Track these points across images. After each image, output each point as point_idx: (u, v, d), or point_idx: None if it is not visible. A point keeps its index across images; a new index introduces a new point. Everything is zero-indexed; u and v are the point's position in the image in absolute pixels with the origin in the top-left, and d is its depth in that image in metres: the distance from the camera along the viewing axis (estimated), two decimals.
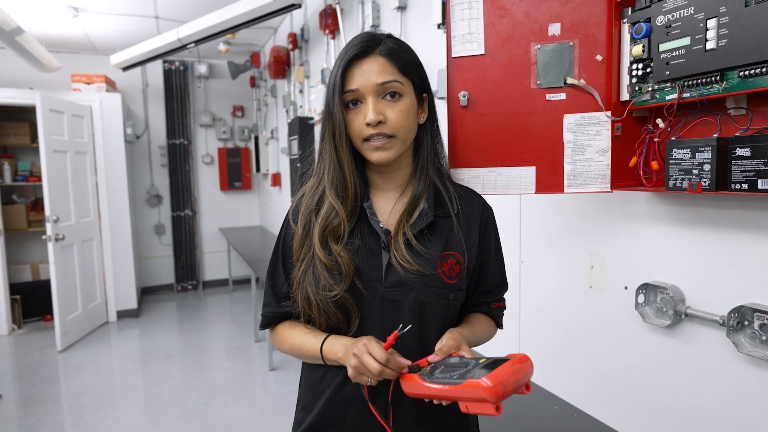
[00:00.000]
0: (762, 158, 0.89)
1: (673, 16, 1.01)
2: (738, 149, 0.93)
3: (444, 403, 0.78)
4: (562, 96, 1.19)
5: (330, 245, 0.92)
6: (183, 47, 3.82)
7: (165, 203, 5.81)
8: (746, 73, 0.90)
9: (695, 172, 0.99)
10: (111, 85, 4.96)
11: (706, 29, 0.95)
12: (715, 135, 0.99)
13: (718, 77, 0.95)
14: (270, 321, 1.06)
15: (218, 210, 6.09)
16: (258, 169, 5.55)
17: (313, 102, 3.57)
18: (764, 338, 0.97)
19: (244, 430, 2.82)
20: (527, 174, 1.23)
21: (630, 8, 1.11)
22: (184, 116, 5.72)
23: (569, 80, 1.17)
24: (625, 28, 1.12)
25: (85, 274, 4.48)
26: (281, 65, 4.26)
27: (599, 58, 1.16)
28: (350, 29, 2.90)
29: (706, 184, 0.97)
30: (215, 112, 5.95)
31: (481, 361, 0.75)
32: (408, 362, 0.83)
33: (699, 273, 1.10)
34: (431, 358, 0.83)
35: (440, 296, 0.91)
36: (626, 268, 1.28)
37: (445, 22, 1.89)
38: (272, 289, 1.05)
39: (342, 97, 0.91)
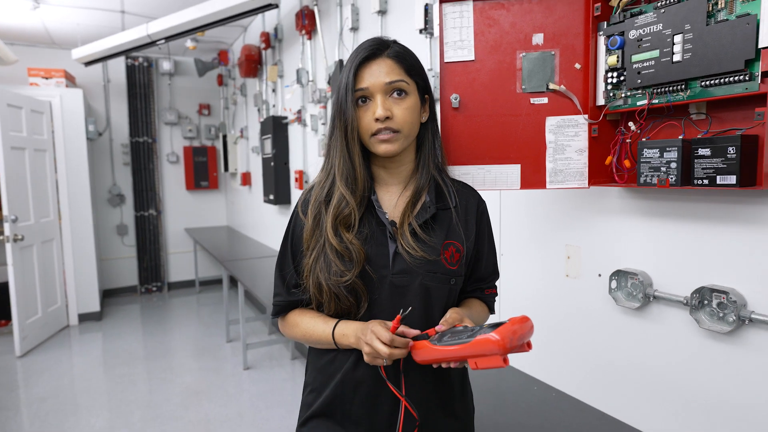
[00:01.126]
0: (720, 157, 1.02)
1: (644, 31, 1.14)
2: (700, 149, 1.06)
3: (453, 364, 0.85)
4: (545, 100, 1.30)
5: (341, 233, 0.98)
6: (152, 43, 3.75)
7: (128, 203, 5.65)
8: (707, 83, 1.04)
9: (663, 169, 1.12)
10: (70, 81, 4.79)
11: (673, 44, 1.08)
12: (680, 137, 1.12)
13: (683, 86, 1.08)
14: (281, 309, 1.11)
15: (184, 210, 5.98)
16: (226, 169, 5.49)
17: (289, 102, 3.59)
18: (721, 315, 1.11)
19: (223, 429, 2.82)
20: (513, 171, 1.34)
21: (605, 22, 1.23)
22: (148, 114, 5.58)
23: (551, 86, 1.29)
24: (601, 39, 1.24)
25: (45, 276, 4.31)
26: (253, 64, 4.25)
27: (578, 66, 1.28)
28: (328, 31, 2.96)
29: (673, 180, 1.10)
30: (181, 110, 5.84)
31: (485, 325, 0.84)
32: (416, 331, 0.90)
33: (665, 259, 1.23)
34: (438, 327, 0.90)
35: (443, 281, 1.00)
36: (600, 258, 1.40)
37: (426, 28, 1.99)
38: (282, 279, 1.10)
39: (353, 95, 0.98)
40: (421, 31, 2.01)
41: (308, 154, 3.45)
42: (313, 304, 1.07)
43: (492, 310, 1.13)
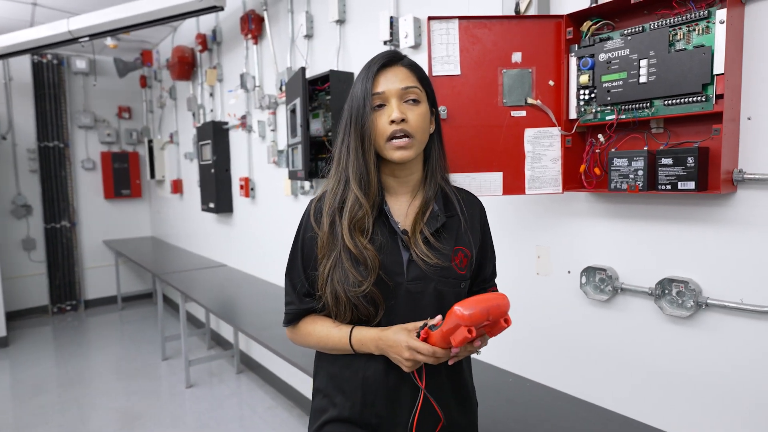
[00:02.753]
0: (681, 166, 1.19)
1: (612, 55, 1.29)
2: (663, 159, 1.22)
3: (454, 350, 0.89)
4: (523, 113, 1.42)
5: (356, 238, 1.01)
6: (74, 40, 3.46)
7: (36, 214, 5.11)
8: (669, 102, 1.20)
9: (631, 176, 1.28)
10: None
11: (639, 67, 1.24)
12: (645, 148, 1.28)
13: (648, 104, 1.24)
14: (294, 318, 1.11)
15: (102, 220, 5.52)
16: (152, 176, 5.16)
17: (233, 107, 3.49)
18: (680, 302, 1.29)
19: None
20: (496, 178, 1.44)
21: (576, 45, 1.37)
22: (58, 116, 5.10)
23: (529, 100, 1.41)
24: (573, 60, 1.38)
25: None
26: (186, 66, 4.07)
27: (551, 83, 1.42)
28: (278, 37, 2.93)
29: (640, 185, 1.25)
30: (98, 112, 5.40)
31: None
32: (420, 323, 0.95)
33: (630, 255, 1.39)
34: (437, 318, 0.94)
35: (454, 286, 1.06)
36: (569, 256, 1.55)
37: (392, 39, 2.05)
38: (293, 287, 1.11)
39: (371, 100, 1.01)
40: (386, 43, 2.07)
41: (254, 160, 3.37)
42: (327, 311, 1.08)
43: None
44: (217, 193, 3.67)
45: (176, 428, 2.91)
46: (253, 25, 3.05)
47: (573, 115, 1.40)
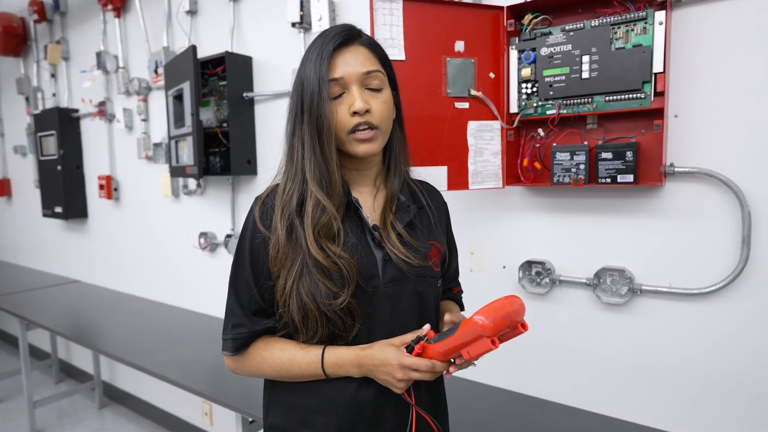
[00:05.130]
0: (620, 160, 1.24)
1: (554, 50, 1.30)
2: (603, 153, 1.26)
3: (457, 362, 0.80)
4: (467, 105, 1.37)
5: (326, 246, 0.84)
6: None
7: None
8: (609, 98, 1.25)
9: (573, 170, 1.30)
10: None
11: (581, 63, 1.26)
12: (585, 142, 1.32)
13: (589, 100, 1.27)
14: (245, 342, 0.90)
15: None
16: None
17: (88, 91, 2.90)
18: (614, 290, 1.35)
19: None
20: (441, 173, 1.37)
21: (517, 38, 1.36)
22: None
23: (472, 92, 1.36)
24: (514, 53, 1.37)
25: None
26: (15, 39, 3.31)
27: (492, 75, 1.39)
28: (150, 10, 2.50)
29: (584, 179, 1.28)
30: None
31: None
32: (411, 336, 0.83)
33: (567, 248, 1.43)
34: (426, 327, 0.83)
35: (432, 285, 0.95)
36: (504, 251, 1.54)
37: (302, 21, 1.86)
38: (240, 306, 0.89)
39: (328, 86, 0.85)
40: (294, 25, 1.87)
41: (118, 155, 2.85)
42: (287, 330, 0.89)
43: (462, 308, 1.13)
44: (66, 195, 3.04)
45: None
46: None
47: (514, 108, 1.39)
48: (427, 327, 0.83)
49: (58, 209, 3.09)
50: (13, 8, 3.40)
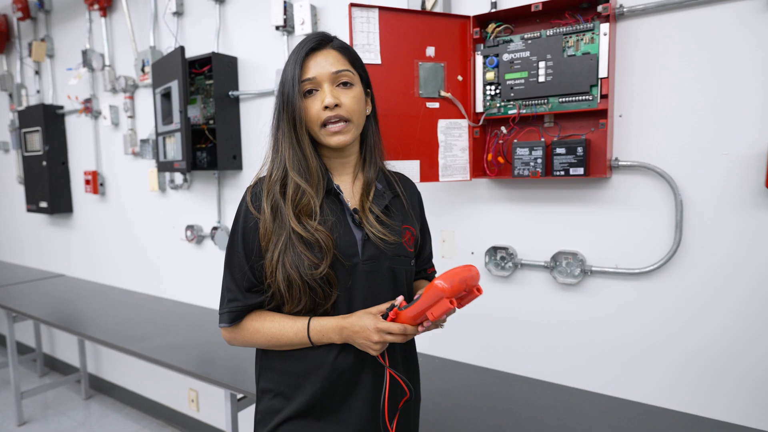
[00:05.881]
0: (572, 155, 1.39)
1: (515, 56, 1.45)
2: (557, 149, 1.42)
3: (425, 324, 0.92)
4: (437, 105, 1.51)
5: (305, 222, 0.97)
6: None
7: None
8: (563, 100, 1.40)
9: (532, 164, 1.45)
10: None
11: (538, 68, 1.41)
12: (542, 139, 1.47)
13: (545, 101, 1.43)
14: (239, 315, 1.01)
15: None
16: None
17: (74, 88, 2.96)
18: (569, 271, 1.51)
19: None
20: (414, 166, 1.50)
21: (482, 44, 1.51)
22: None
23: (442, 93, 1.50)
24: (479, 58, 1.51)
25: None
26: None
27: (460, 78, 1.53)
28: (136, 11, 2.58)
29: (540, 172, 1.43)
30: None
31: None
32: (386, 304, 0.96)
33: (528, 234, 1.58)
34: (399, 299, 0.96)
35: (405, 263, 1.08)
36: (472, 238, 1.69)
37: (285, 25, 1.98)
38: (235, 282, 1.01)
39: (300, 86, 0.98)
40: (278, 28, 1.99)
41: (104, 151, 2.91)
42: (276, 302, 1.01)
43: None
44: (51, 190, 3.09)
45: None
46: None
47: (480, 108, 1.53)
48: (400, 297, 0.96)
49: (43, 204, 3.14)
50: None
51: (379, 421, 0.99)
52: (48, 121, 3.05)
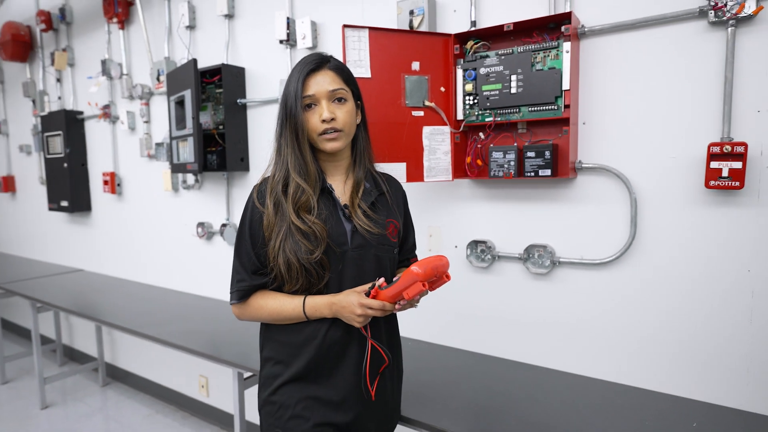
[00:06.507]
0: (540, 158, 1.56)
1: (491, 70, 1.63)
2: (528, 152, 1.59)
3: (402, 302, 1.09)
4: (422, 113, 1.69)
5: (303, 216, 1.15)
6: None
7: None
8: (532, 109, 1.57)
9: (506, 166, 1.63)
10: None
11: (511, 81, 1.59)
12: (515, 144, 1.65)
13: (517, 110, 1.60)
14: (246, 293, 1.20)
15: None
16: None
17: (93, 95, 3.18)
18: (540, 263, 1.68)
19: None
20: (401, 168, 1.68)
21: (462, 59, 1.69)
22: None
23: (426, 102, 1.68)
24: (459, 71, 1.69)
25: None
26: (22, 46, 3.56)
27: (442, 89, 1.71)
28: (152, 24, 2.79)
29: (513, 173, 1.61)
30: None
31: None
32: (368, 284, 1.14)
33: (504, 229, 1.76)
34: (381, 281, 1.13)
35: (389, 252, 1.26)
36: (455, 233, 1.87)
37: (288, 39, 2.17)
38: (242, 265, 1.20)
39: (302, 101, 1.17)
40: (282, 42, 2.18)
41: (121, 153, 3.13)
42: (277, 283, 1.20)
43: None
44: (72, 190, 3.31)
45: None
46: (119, 9, 2.84)
47: (460, 116, 1.71)
48: (381, 279, 1.14)
49: (64, 203, 3.35)
50: (21, 17, 3.66)
51: (361, 384, 1.18)
52: (69, 125, 3.27)
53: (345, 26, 1.56)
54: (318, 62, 1.19)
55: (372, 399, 1.19)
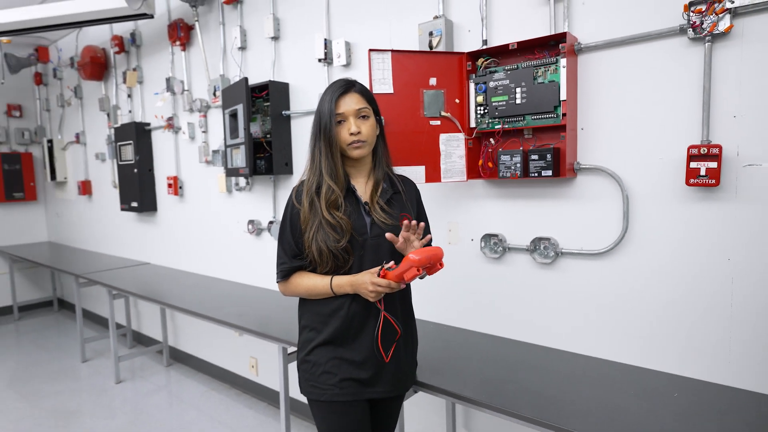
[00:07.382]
0: (543, 160, 1.77)
1: (498, 83, 1.85)
2: (532, 155, 1.80)
3: (406, 279, 1.33)
4: (439, 122, 1.93)
5: (333, 212, 1.43)
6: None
7: None
8: (535, 117, 1.78)
9: (513, 168, 1.84)
10: None
11: (516, 93, 1.81)
12: (521, 148, 1.86)
13: (522, 118, 1.82)
14: (287, 273, 1.49)
15: None
16: (53, 177, 4.94)
17: (159, 109, 3.61)
18: (545, 253, 1.89)
19: None
20: (420, 170, 1.93)
21: (474, 74, 1.92)
22: None
23: (442, 113, 1.92)
24: (472, 85, 1.92)
25: None
26: (99, 67, 4.06)
27: (457, 101, 1.95)
28: (209, 45, 3.17)
29: (519, 174, 1.82)
30: None
31: None
32: (389, 264, 1.39)
33: (513, 223, 1.97)
34: (391, 263, 1.39)
35: None
36: (471, 228, 2.10)
37: (326, 58, 2.46)
38: (284, 250, 1.49)
39: (335, 118, 1.44)
40: (320, 60, 2.48)
41: (183, 160, 3.54)
42: (312, 267, 1.48)
43: None
44: (141, 192, 3.76)
45: (114, 419, 3.01)
46: (182, 33, 3.25)
47: (473, 124, 1.94)
48: (391, 262, 1.40)
49: (134, 204, 3.81)
50: (98, 41, 4.18)
51: (375, 350, 1.44)
52: (138, 135, 3.72)
53: (371, 50, 1.83)
54: (346, 87, 1.47)
55: (386, 361, 1.45)
